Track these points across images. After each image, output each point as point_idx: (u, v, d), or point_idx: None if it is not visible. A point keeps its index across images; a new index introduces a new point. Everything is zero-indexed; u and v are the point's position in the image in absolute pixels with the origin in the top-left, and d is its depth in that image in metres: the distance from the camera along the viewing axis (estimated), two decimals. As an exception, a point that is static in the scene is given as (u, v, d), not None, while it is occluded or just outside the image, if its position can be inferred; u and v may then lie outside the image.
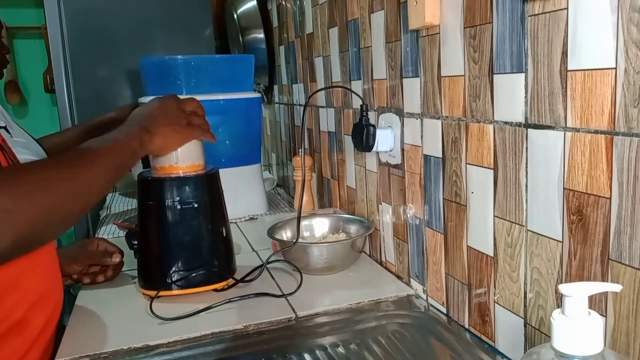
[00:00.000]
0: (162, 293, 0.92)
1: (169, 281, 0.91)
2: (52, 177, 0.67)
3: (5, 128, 1.15)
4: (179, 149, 0.92)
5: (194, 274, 0.92)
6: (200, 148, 0.95)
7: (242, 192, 1.45)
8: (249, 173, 1.48)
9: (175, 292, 0.92)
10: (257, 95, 1.49)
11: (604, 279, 0.53)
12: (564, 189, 0.57)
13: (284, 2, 1.59)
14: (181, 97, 0.95)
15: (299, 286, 0.94)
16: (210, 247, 0.95)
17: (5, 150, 0.76)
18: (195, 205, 0.92)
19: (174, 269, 0.92)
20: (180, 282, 0.92)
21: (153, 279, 0.93)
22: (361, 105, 0.95)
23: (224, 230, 0.97)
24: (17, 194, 0.61)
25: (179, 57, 1.39)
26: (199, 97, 1.36)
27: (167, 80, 1.39)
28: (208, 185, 0.95)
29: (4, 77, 1.44)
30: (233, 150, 1.46)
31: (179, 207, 0.92)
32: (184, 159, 0.92)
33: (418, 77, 0.84)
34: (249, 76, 1.50)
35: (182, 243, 0.93)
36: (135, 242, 0.95)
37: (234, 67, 1.49)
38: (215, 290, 0.95)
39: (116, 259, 1.02)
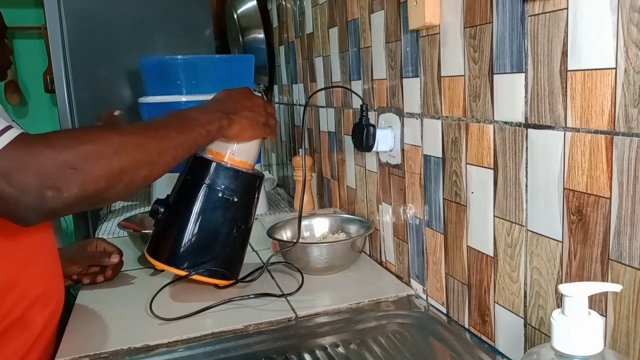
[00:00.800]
0: (165, 267, 0.90)
1: (177, 257, 0.90)
2: (119, 142, 0.70)
3: None
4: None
5: (203, 262, 0.90)
6: (258, 149, 0.95)
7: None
8: None
9: (177, 271, 0.90)
10: (257, 95, 1.48)
11: (604, 279, 0.53)
12: (564, 189, 0.57)
13: (284, 2, 1.59)
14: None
15: (300, 286, 0.94)
16: (228, 244, 0.93)
17: None
18: (235, 200, 0.91)
19: (187, 249, 0.90)
20: (187, 263, 0.90)
21: (163, 249, 0.91)
22: (361, 105, 0.95)
23: (245, 235, 0.96)
24: (83, 153, 0.65)
25: (179, 57, 1.40)
26: (198, 97, 1.36)
27: (167, 80, 1.39)
28: (251, 186, 0.95)
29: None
30: None
31: (219, 194, 0.91)
32: (240, 153, 0.92)
33: (418, 77, 0.84)
34: (249, 76, 1.50)
35: (206, 229, 0.91)
36: (162, 210, 0.93)
37: (234, 67, 1.49)
38: (216, 286, 0.94)
39: (115, 259, 1.02)
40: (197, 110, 0.85)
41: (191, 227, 0.91)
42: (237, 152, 0.92)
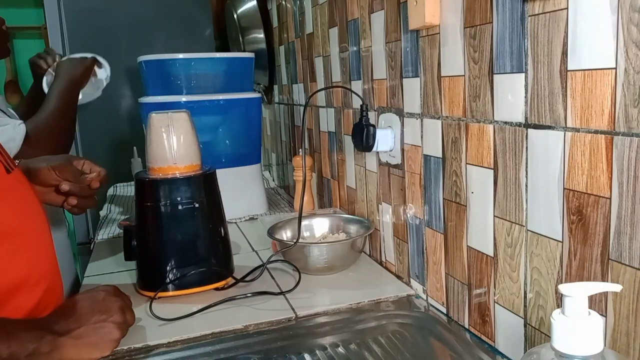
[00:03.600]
0: (161, 294, 0.92)
1: (168, 282, 0.91)
2: None
3: None
4: (175, 149, 0.92)
5: (193, 274, 0.92)
6: (197, 148, 0.96)
7: (242, 192, 1.45)
8: (249, 173, 1.48)
9: (176, 292, 0.92)
10: (257, 95, 1.49)
11: (604, 279, 0.53)
12: (564, 189, 0.57)
13: (284, 2, 1.59)
14: None
15: (297, 284, 0.94)
16: (209, 247, 0.95)
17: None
18: (196, 205, 0.92)
19: (173, 269, 0.92)
20: (180, 282, 0.92)
21: (152, 280, 0.93)
22: (361, 105, 0.95)
23: (222, 230, 0.97)
24: None
25: (180, 56, 1.39)
26: (198, 97, 1.34)
27: (167, 80, 1.39)
28: (206, 185, 0.95)
29: (4, 77, 1.44)
30: (233, 150, 1.46)
31: (178, 207, 0.92)
32: (181, 158, 0.92)
33: (418, 77, 0.84)
34: (248, 76, 1.50)
35: (182, 243, 0.93)
36: (135, 243, 0.94)
37: (234, 66, 1.48)
38: (216, 289, 0.95)
39: (95, 184, 0.95)
40: (22, 323, 0.69)
41: (167, 249, 0.93)
42: (178, 159, 0.92)
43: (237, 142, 1.46)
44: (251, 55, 1.50)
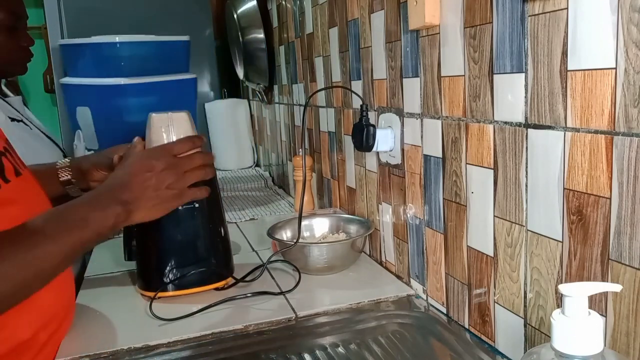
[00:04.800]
0: (161, 294, 0.92)
1: (168, 282, 0.91)
2: None
3: (21, 121, 1.15)
4: None
5: (193, 274, 0.92)
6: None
7: None
8: None
9: (176, 292, 0.92)
10: (191, 76, 1.50)
11: (604, 279, 0.53)
12: (564, 189, 0.57)
13: (284, 2, 1.59)
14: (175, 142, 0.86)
15: (297, 283, 0.94)
16: (209, 247, 0.95)
17: (9, 153, 0.75)
18: (196, 205, 0.92)
19: (173, 269, 0.92)
20: (180, 282, 0.92)
21: (152, 280, 0.93)
22: (361, 105, 0.95)
23: (222, 230, 0.97)
24: None
25: (105, 39, 1.37)
26: (131, 80, 1.33)
27: (106, 64, 1.38)
28: (206, 185, 0.95)
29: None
30: None
31: (179, 207, 0.92)
32: None
33: (418, 77, 0.84)
34: (183, 58, 1.51)
35: (182, 243, 0.93)
36: (135, 243, 0.94)
37: (166, 50, 1.49)
38: (216, 289, 0.95)
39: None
40: (87, 205, 0.75)
41: (168, 249, 0.93)
42: None
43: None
44: (185, 38, 1.51)
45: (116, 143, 1.03)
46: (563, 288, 0.41)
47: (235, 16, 1.83)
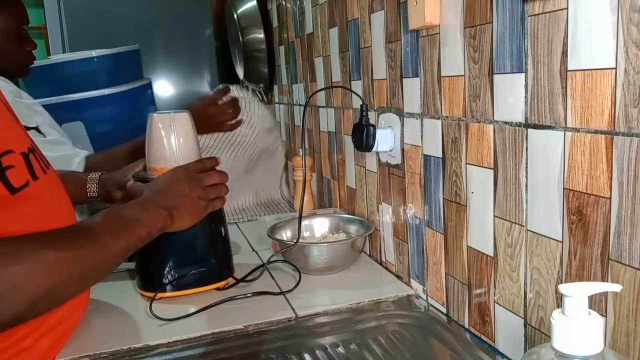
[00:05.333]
0: (161, 294, 0.92)
1: (168, 282, 0.91)
2: (53, 260, 0.64)
3: (36, 129, 1.19)
4: (177, 149, 0.92)
5: (193, 274, 0.92)
6: (197, 148, 0.96)
7: None
8: None
9: (176, 293, 0.92)
10: (144, 82, 1.58)
11: (604, 279, 0.53)
12: (564, 189, 0.57)
13: (284, 2, 1.59)
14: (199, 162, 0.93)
15: (297, 283, 0.94)
16: (209, 247, 0.95)
17: (35, 152, 0.76)
18: None
19: (173, 269, 0.92)
20: (180, 282, 0.92)
21: (152, 280, 0.93)
22: (361, 105, 0.95)
23: (222, 230, 0.97)
24: (9, 277, 0.60)
25: (57, 59, 1.50)
26: (87, 94, 1.46)
27: (53, 84, 1.47)
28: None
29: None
30: (134, 135, 1.47)
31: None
32: (183, 158, 0.92)
33: (418, 77, 0.84)
34: (135, 66, 1.60)
35: (182, 243, 0.93)
36: None
37: (118, 61, 1.57)
38: (216, 289, 0.95)
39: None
40: (138, 207, 0.81)
41: (169, 249, 0.93)
42: (180, 159, 0.93)
43: (136, 128, 1.53)
44: (135, 47, 1.60)
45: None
46: (563, 288, 0.41)
47: (235, 16, 1.83)
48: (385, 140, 0.94)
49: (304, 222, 1.09)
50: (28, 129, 1.23)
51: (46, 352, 0.74)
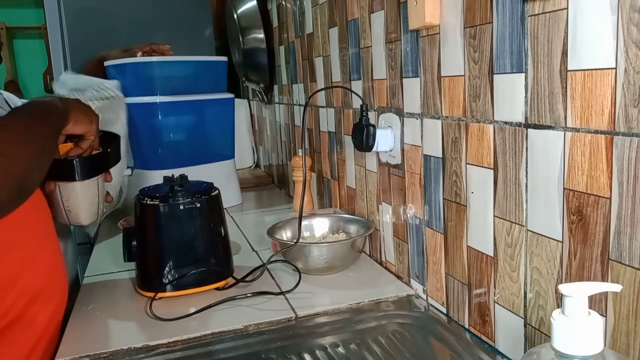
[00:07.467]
0: (161, 294, 0.92)
1: (168, 282, 0.91)
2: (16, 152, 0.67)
3: None
4: None
5: (193, 274, 0.92)
6: None
7: (218, 185, 1.50)
8: (223, 168, 1.60)
9: (176, 293, 0.92)
10: (229, 95, 1.60)
11: (604, 279, 0.53)
12: (564, 189, 0.57)
13: (284, 2, 1.59)
14: None
15: (297, 283, 0.94)
16: (209, 247, 0.95)
17: None
18: (196, 205, 0.92)
19: (173, 269, 0.92)
20: (180, 282, 0.92)
21: (152, 280, 0.93)
22: (361, 105, 0.95)
23: (222, 230, 0.97)
24: None
25: (154, 60, 1.50)
26: (172, 98, 1.48)
27: (143, 82, 1.47)
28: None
29: (5, 77, 1.45)
30: (208, 147, 1.57)
31: (179, 207, 0.92)
32: None
33: (418, 77, 0.84)
34: (222, 78, 1.62)
35: (182, 243, 0.93)
36: (135, 243, 0.94)
37: (207, 70, 1.59)
38: (216, 289, 0.95)
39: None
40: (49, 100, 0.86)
41: (169, 249, 0.93)
42: None
43: (211, 139, 1.58)
44: (224, 58, 1.62)
45: (150, 160, 1.10)
46: (563, 288, 0.41)
47: (235, 16, 1.83)
48: (385, 140, 0.94)
49: (304, 222, 1.09)
50: None
51: (41, 323, 0.77)
